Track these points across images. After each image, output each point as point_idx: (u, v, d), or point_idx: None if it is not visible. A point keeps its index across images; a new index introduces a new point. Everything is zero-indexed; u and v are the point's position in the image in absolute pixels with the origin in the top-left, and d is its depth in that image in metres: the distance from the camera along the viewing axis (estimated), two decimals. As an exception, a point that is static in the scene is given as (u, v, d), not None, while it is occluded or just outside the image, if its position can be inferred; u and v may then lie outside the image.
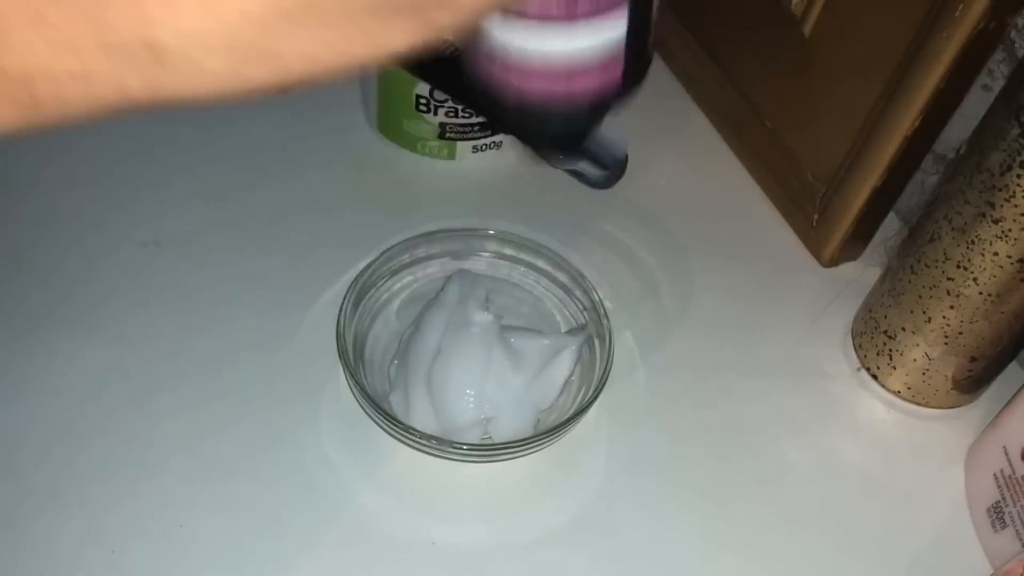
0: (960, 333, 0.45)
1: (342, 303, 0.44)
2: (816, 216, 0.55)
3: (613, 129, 0.22)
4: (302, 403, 0.45)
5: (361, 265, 0.46)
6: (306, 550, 0.40)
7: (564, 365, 0.45)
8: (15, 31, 0.17)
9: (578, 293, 0.48)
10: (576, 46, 0.19)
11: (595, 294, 0.47)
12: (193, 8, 0.17)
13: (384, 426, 0.43)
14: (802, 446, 0.47)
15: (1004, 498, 0.43)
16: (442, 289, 0.48)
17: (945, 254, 0.43)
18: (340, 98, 0.59)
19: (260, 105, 0.53)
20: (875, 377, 0.50)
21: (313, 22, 0.17)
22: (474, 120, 0.55)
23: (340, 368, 0.44)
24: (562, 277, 0.49)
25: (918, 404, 0.49)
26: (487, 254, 0.50)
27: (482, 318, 0.46)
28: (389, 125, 0.57)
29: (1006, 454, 0.43)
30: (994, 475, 0.44)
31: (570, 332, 0.48)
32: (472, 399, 0.44)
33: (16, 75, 0.17)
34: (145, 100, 0.18)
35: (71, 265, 0.49)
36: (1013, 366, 0.49)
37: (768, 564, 0.43)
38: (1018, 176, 0.39)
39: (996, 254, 0.41)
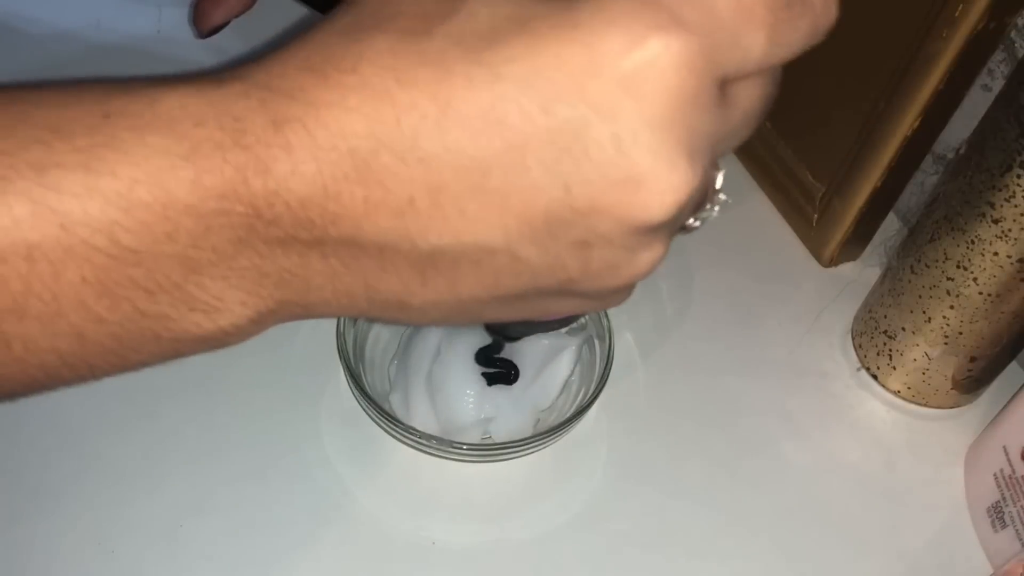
0: (960, 333, 0.45)
1: (342, 303, 0.44)
2: (816, 216, 0.55)
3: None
4: (302, 403, 0.45)
5: (361, 265, 0.46)
6: (306, 550, 0.40)
7: (564, 365, 0.45)
8: None
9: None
10: None
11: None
12: None
13: (384, 426, 0.43)
14: (802, 446, 0.47)
15: (1004, 498, 0.43)
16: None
17: (945, 254, 0.43)
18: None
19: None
20: (875, 377, 0.50)
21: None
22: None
23: (340, 368, 0.44)
24: (562, 277, 0.49)
25: (918, 404, 0.49)
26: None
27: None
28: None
29: (1006, 454, 0.43)
30: (994, 475, 0.44)
31: (570, 332, 0.48)
32: (472, 399, 0.44)
33: None
34: None
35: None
36: (1013, 366, 0.49)
37: (768, 564, 0.43)
38: (1018, 176, 0.39)
39: (996, 254, 0.41)
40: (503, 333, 0.38)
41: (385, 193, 0.19)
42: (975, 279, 0.42)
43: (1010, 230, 0.40)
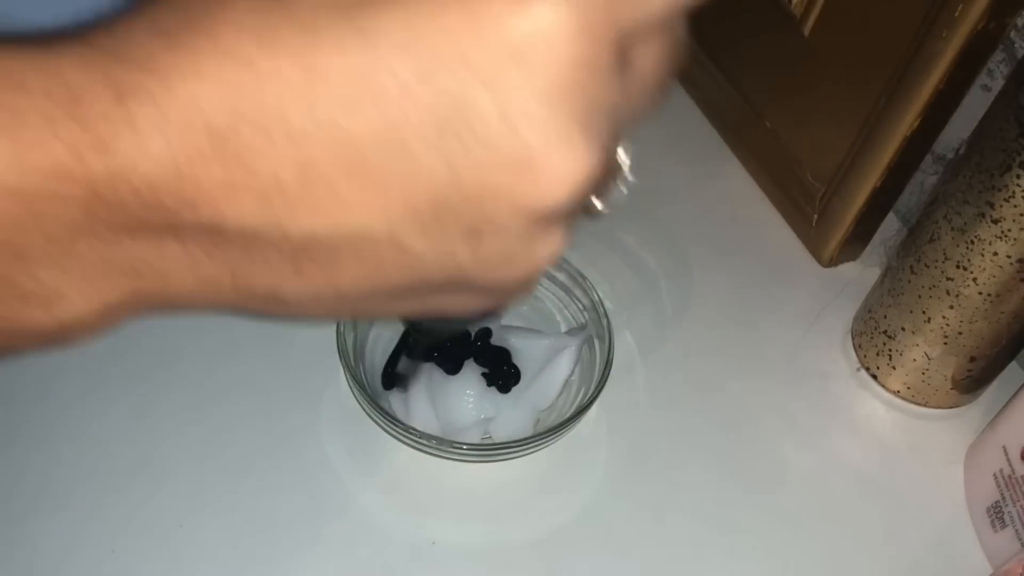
0: (960, 333, 0.45)
1: (342, 303, 0.44)
2: (816, 216, 0.55)
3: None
4: (302, 403, 0.45)
5: (361, 265, 0.46)
6: (306, 550, 0.40)
7: (564, 365, 0.45)
8: None
9: (578, 293, 0.48)
10: None
11: (595, 294, 0.47)
12: None
13: (384, 426, 0.43)
14: (802, 446, 0.47)
15: (1004, 498, 0.43)
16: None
17: (945, 254, 0.43)
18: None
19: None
20: (875, 377, 0.50)
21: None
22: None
23: (340, 368, 0.44)
24: (562, 277, 0.49)
25: (918, 404, 0.49)
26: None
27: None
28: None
29: (1006, 454, 0.43)
30: (994, 475, 0.44)
31: (570, 332, 0.48)
32: (472, 399, 0.44)
33: None
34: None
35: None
36: (1013, 366, 0.49)
37: (768, 563, 0.43)
38: (1018, 176, 0.39)
39: (996, 254, 0.41)
40: (415, 328, 0.35)
41: (248, 174, 0.17)
42: (975, 279, 0.42)
43: (1010, 230, 0.40)
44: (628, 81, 0.18)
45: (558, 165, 0.17)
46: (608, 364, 0.44)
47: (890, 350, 0.48)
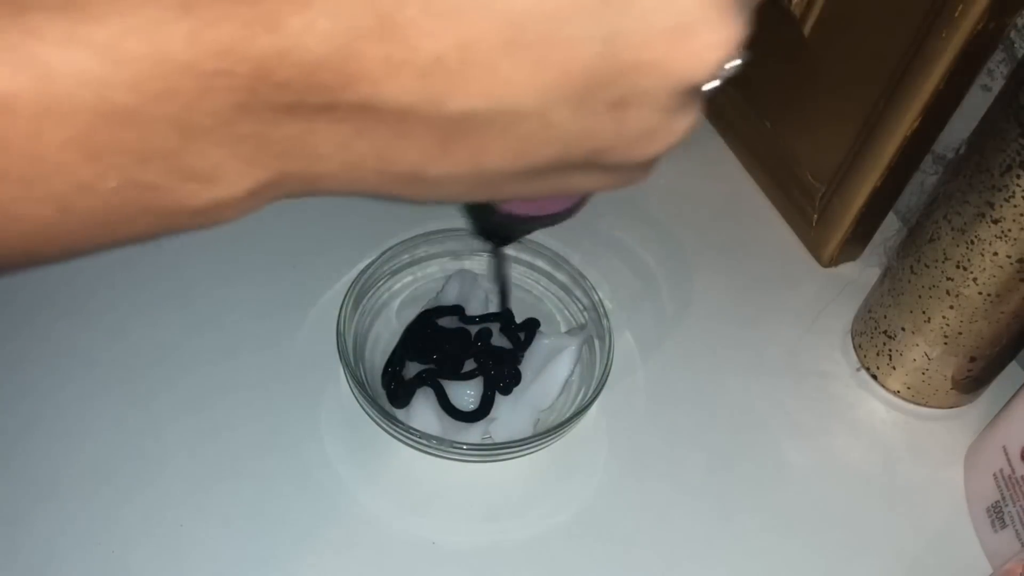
0: (960, 333, 0.45)
1: (342, 303, 0.44)
2: (816, 216, 0.55)
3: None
4: (302, 403, 0.45)
5: (361, 265, 0.46)
6: (306, 550, 0.40)
7: (564, 365, 0.45)
8: None
9: (578, 293, 0.48)
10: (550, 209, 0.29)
11: (595, 294, 0.47)
12: None
13: (384, 426, 0.43)
14: (802, 446, 0.47)
15: (1004, 498, 0.43)
16: (442, 289, 0.48)
17: (945, 254, 0.43)
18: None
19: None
20: (875, 377, 0.50)
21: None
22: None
23: (340, 368, 0.44)
24: (562, 277, 0.49)
25: (918, 404, 0.49)
26: (487, 254, 0.50)
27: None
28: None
29: (1006, 454, 0.43)
30: (994, 475, 0.44)
31: (570, 332, 0.48)
32: (472, 399, 0.44)
33: None
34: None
35: (70, 264, 0.49)
36: (1013, 366, 0.49)
37: (768, 564, 0.43)
38: (1018, 176, 0.39)
39: (996, 254, 0.41)
40: (497, 233, 0.35)
41: (410, 50, 0.17)
42: (975, 279, 0.42)
43: (1010, 230, 0.40)
44: None
45: (712, 35, 0.18)
46: (608, 364, 0.44)
47: (890, 350, 0.48)
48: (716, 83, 0.20)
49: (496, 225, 0.31)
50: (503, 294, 0.43)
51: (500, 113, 0.19)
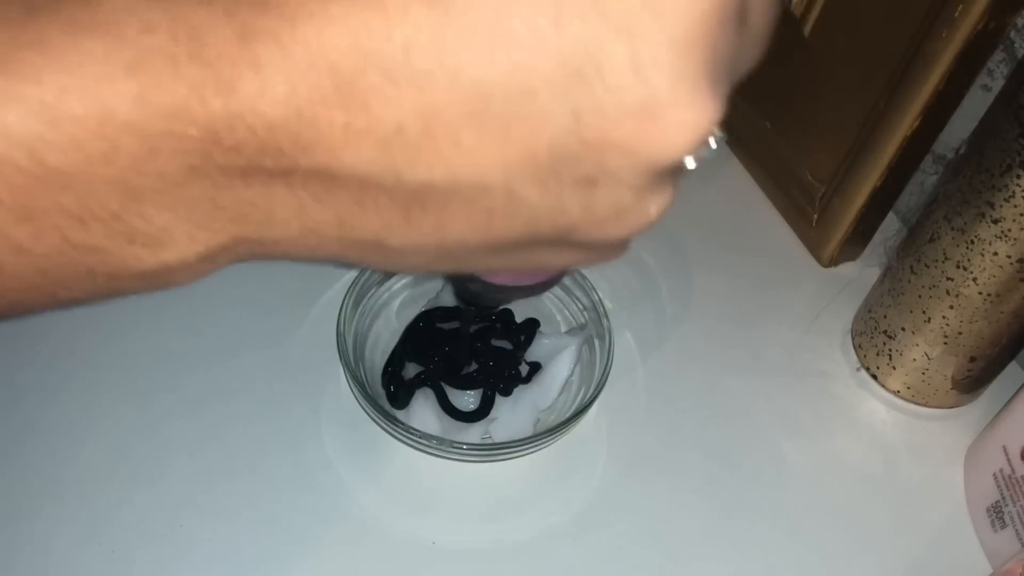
0: (960, 333, 0.45)
1: (342, 303, 0.44)
2: (816, 216, 0.55)
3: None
4: (302, 403, 0.45)
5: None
6: (306, 550, 0.40)
7: (564, 365, 0.45)
8: None
9: (578, 293, 0.48)
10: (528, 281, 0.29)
11: (595, 294, 0.47)
12: None
13: (384, 426, 0.43)
14: (802, 446, 0.47)
15: (1004, 498, 0.43)
16: (442, 289, 0.48)
17: (945, 254, 0.43)
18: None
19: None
20: (875, 377, 0.50)
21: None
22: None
23: (340, 368, 0.44)
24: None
25: (918, 404, 0.49)
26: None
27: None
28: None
29: (1006, 454, 0.43)
30: (994, 475, 0.44)
31: (570, 332, 0.48)
32: (472, 399, 0.44)
33: None
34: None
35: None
36: (1013, 366, 0.49)
37: (768, 564, 0.43)
38: (1018, 176, 0.39)
39: (996, 254, 0.41)
40: (476, 302, 0.35)
41: (370, 118, 0.17)
42: (975, 279, 0.42)
43: (1010, 230, 0.40)
44: (746, 30, 0.19)
45: (684, 115, 0.17)
46: (608, 364, 0.44)
47: (890, 350, 0.48)
48: (693, 164, 0.20)
49: (474, 293, 0.31)
50: (465, 354, 0.44)
51: (464, 186, 0.18)
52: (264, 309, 0.48)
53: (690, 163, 0.20)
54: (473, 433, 0.43)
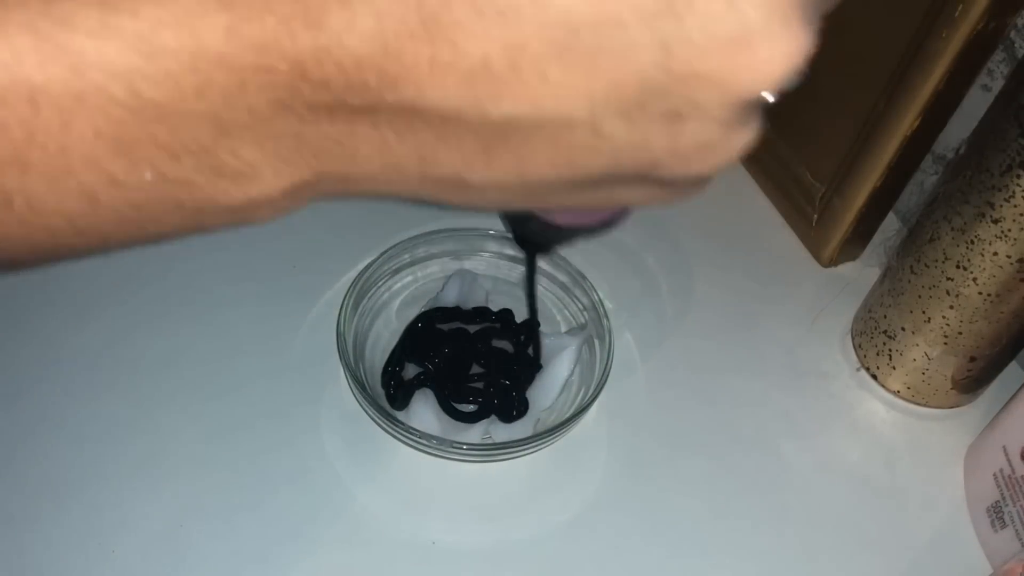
0: (960, 333, 0.45)
1: (342, 303, 0.44)
2: (816, 216, 0.55)
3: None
4: (302, 403, 0.45)
5: (361, 265, 0.46)
6: (306, 550, 0.40)
7: (564, 365, 0.45)
8: None
9: (578, 293, 0.48)
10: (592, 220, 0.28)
11: (595, 294, 0.47)
12: None
13: (384, 426, 0.43)
14: (802, 446, 0.47)
15: (1004, 498, 0.43)
16: (442, 289, 0.48)
17: (945, 254, 0.43)
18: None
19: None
20: (875, 377, 0.50)
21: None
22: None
23: (340, 368, 0.44)
24: (562, 277, 0.49)
25: (918, 404, 0.49)
26: (487, 254, 0.50)
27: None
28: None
29: (1006, 454, 0.43)
30: (994, 475, 0.44)
31: (570, 332, 0.48)
32: (472, 400, 0.44)
33: None
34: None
35: (71, 265, 0.49)
36: (1013, 366, 0.49)
37: (768, 564, 0.43)
38: (1018, 176, 0.39)
39: (996, 254, 0.41)
40: (534, 241, 0.33)
41: (456, 52, 0.17)
42: (975, 279, 0.42)
43: (1010, 230, 0.40)
44: None
45: (776, 47, 0.17)
46: (608, 364, 0.44)
47: (890, 350, 0.48)
48: (774, 99, 0.19)
49: (534, 233, 0.30)
50: (531, 306, 0.41)
51: (548, 121, 0.18)
52: (264, 309, 0.48)
53: (771, 97, 0.19)
54: (473, 433, 0.43)
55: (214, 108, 0.17)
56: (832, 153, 0.52)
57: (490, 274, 0.50)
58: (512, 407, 0.44)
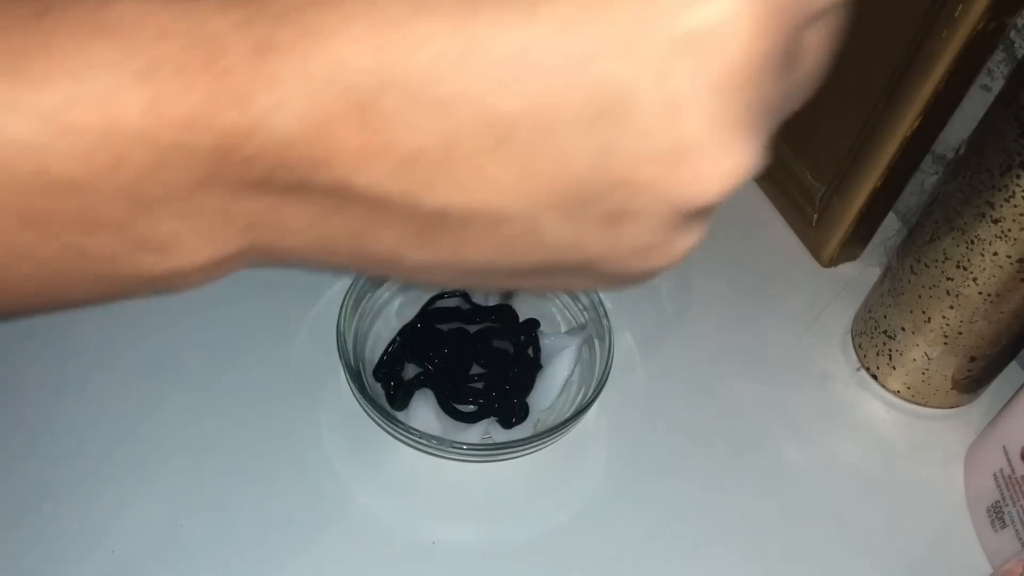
0: (960, 333, 0.45)
1: (342, 303, 0.44)
2: (816, 216, 0.55)
3: None
4: (302, 403, 0.45)
5: (361, 265, 0.46)
6: (306, 550, 0.40)
7: (564, 365, 0.45)
8: None
9: (578, 293, 0.48)
10: None
11: (595, 294, 0.47)
12: None
13: (384, 426, 0.43)
14: (802, 446, 0.47)
15: (1004, 498, 0.43)
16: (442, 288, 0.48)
17: (945, 254, 0.43)
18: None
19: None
20: (875, 377, 0.50)
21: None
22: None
23: (340, 368, 0.44)
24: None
25: (918, 404, 0.49)
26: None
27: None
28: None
29: (1006, 454, 0.43)
30: (994, 475, 0.44)
31: (570, 332, 0.48)
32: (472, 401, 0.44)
33: None
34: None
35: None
36: (1013, 366, 0.49)
37: (768, 563, 0.43)
38: (1018, 176, 0.39)
39: (996, 254, 0.41)
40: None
41: (388, 140, 0.16)
42: (975, 279, 0.42)
43: (1010, 230, 0.40)
44: (794, 72, 0.18)
45: (718, 162, 0.16)
46: (608, 364, 0.44)
47: (890, 350, 0.48)
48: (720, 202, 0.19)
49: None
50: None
51: (482, 213, 0.17)
52: (264, 309, 0.48)
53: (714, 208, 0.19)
54: (473, 433, 0.43)
55: (130, 184, 0.17)
56: (832, 153, 0.52)
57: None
58: (512, 413, 0.44)
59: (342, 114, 0.16)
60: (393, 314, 0.48)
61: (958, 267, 0.43)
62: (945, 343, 0.46)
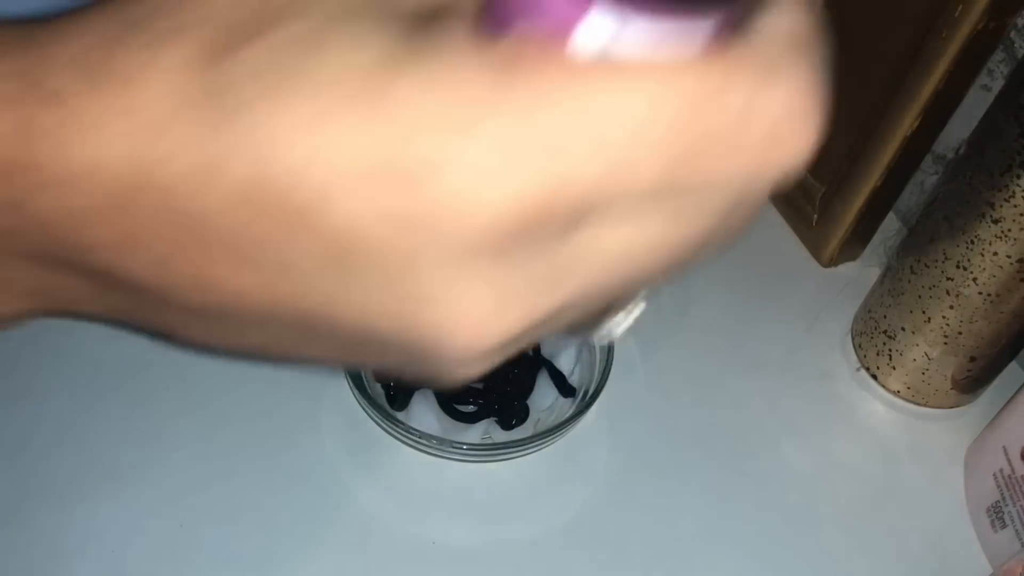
0: (960, 333, 0.45)
1: (342, 303, 0.44)
2: (816, 216, 0.55)
3: None
4: (303, 403, 0.45)
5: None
6: (306, 550, 0.40)
7: (564, 365, 0.45)
8: None
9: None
10: None
11: (595, 294, 0.47)
12: None
13: (384, 426, 0.43)
14: (801, 446, 0.47)
15: (1004, 498, 0.43)
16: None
17: (945, 254, 0.43)
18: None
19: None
20: (875, 377, 0.50)
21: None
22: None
23: (340, 368, 0.44)
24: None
25: (918, 404, 0.49)
26: None
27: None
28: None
29: (1006, 454, 0.43)
30: (994, 475, 0.44)
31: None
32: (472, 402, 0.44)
33: None
34: None
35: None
36: (1013, 366, 0.49)
37: (768, 564, 0.43)
38: (1018, 176, 0.39)
39: (996, 254, 0.41)
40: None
41: (144, 238, 0.16)
42: (975, 279, 0.42)
43: (1010, 230, 0.40)
44: (581, 244, 0.16)
45: (455, 332, 0.16)
46: (608, 364, 0.44)
47: (890, 350, 0.48)
48: (606, 335, 0.17)
49: None
50: None
51: (232, 318, 0.17)
52: (264, 309, 0.48)
53: (600, 337, 0.18)
54: (473, 433, 0.43)
55: None
56: (832, 153, 0.52)
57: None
58: (512, 414, 0.44)
59: (102, 207, 0.16)
60: (393, 314, 0.48)
61: (958, 267, 0.43)
62: (945, 343, 0.46)
